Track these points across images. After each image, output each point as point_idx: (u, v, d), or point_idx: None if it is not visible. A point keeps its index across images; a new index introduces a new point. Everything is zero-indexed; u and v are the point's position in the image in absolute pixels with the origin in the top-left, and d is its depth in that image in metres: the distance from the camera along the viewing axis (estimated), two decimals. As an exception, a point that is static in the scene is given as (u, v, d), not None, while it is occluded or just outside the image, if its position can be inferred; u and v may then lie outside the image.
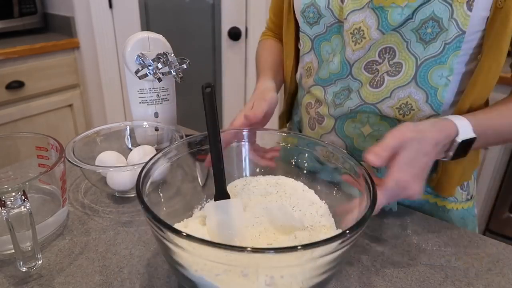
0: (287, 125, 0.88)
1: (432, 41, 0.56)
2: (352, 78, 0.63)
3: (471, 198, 0.71)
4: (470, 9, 0.52)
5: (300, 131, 0.81)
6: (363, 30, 0.58)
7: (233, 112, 2.09)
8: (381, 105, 0.62)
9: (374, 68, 0.61)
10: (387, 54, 0.59)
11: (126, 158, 0.70)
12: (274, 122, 0.72)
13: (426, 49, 0.56)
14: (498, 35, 0.53)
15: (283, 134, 0.60)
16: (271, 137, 0.60)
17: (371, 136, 0.66)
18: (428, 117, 0.61)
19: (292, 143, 0.59)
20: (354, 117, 0.65)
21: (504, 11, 0.51)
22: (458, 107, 0.59)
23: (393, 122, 0.63)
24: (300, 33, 0.68)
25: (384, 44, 0.59)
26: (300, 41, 0.70)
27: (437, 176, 0.65)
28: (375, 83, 0.61)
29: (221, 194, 0.50)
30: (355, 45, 0.60)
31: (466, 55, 0.58)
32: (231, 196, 0.51)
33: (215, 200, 0.50)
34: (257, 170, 0.61)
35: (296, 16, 0.68)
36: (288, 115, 0.86)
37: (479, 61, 0.56)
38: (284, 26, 0.74)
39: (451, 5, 0.52)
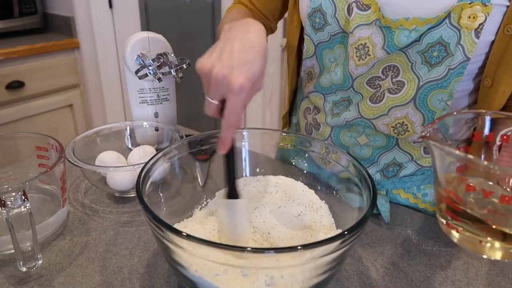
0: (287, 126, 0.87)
1: (437, 65, 0.55)
2: (353, 91, 0.62)
3: None
4: (477, 37, 0.52)
5: None
6: (368, 47, 0.56)
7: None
8: (376, 121, 0.61)
9: (376, 84, 0.60)
10: (390, 72, 0.58)
11: (126, 158, 0.70)
12: (275, 122, 0.71)
13: (430, 72, 0.56)
14: (510, 61, 0.53)
15: (283, 134, 0.60)
16: (271, 137, 0.60)
17: (367, 145, 0.65)
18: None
19: (292, 143, 0.59)
20: (350, 127, 0.65)
21: None
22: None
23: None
24: (305, 35, 0.66)
25: (389, 62, 0.58)
26: (304, 43, 0.67)
27: None
28: (375, 98, 0.60)
29: (232, 193, 0.50)
30: (358, 60, 0.58)
31: (467, 81, 0.58)
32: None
33: (227, 197, 0.50)
34: (257, 170, 0.61)
35: (301, 17, 0.66)
36: (290, 115, 0.85)
37: (487, 86, 0.56)
38: (288, 17, 0.71)
39: (459, 31, 0.52)
